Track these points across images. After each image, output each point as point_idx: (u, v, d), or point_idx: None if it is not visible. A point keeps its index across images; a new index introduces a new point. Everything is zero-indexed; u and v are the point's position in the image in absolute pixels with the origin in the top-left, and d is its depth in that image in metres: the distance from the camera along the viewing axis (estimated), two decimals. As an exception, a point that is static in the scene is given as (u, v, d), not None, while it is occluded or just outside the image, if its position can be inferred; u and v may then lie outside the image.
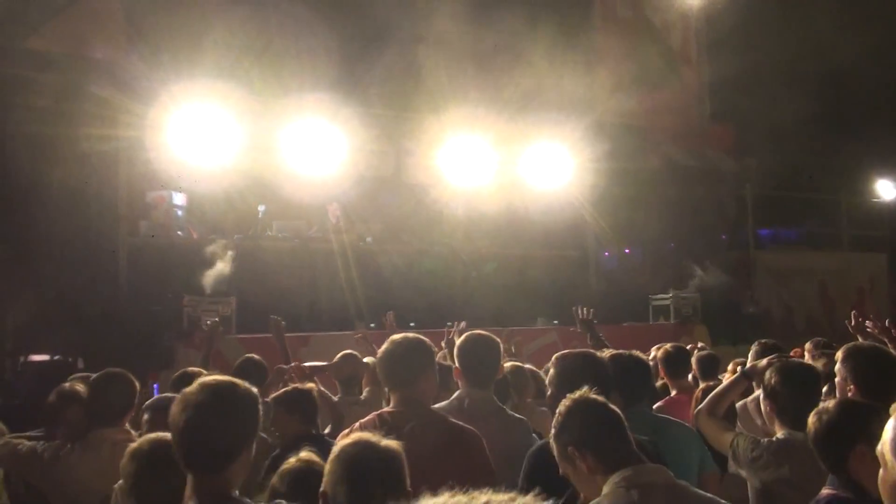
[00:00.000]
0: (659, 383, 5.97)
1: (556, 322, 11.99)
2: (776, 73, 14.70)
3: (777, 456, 3.71)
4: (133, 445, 3.13)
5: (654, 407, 5.20)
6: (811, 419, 3.10)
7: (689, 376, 6.00)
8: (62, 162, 8.89)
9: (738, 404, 4.98)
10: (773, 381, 3.81)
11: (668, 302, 12.24)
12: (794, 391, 3.77)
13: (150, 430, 3.64)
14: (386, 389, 3.92)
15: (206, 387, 2.68)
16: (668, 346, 6.05)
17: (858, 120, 16.87)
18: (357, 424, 3.61)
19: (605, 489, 2.69)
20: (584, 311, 6.27)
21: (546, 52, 11.99)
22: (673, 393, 5.76)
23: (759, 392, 4.14)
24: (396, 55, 11.45)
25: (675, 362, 5.83)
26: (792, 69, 14.59)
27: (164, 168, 9.80)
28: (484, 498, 1.39)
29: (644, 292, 12.89)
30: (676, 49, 15.29)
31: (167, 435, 2.97)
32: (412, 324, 9.08)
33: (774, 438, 3.78)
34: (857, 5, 15.18)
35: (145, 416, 4.20)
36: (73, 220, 9.17)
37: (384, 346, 3.76)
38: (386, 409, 3.70)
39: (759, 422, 4.34)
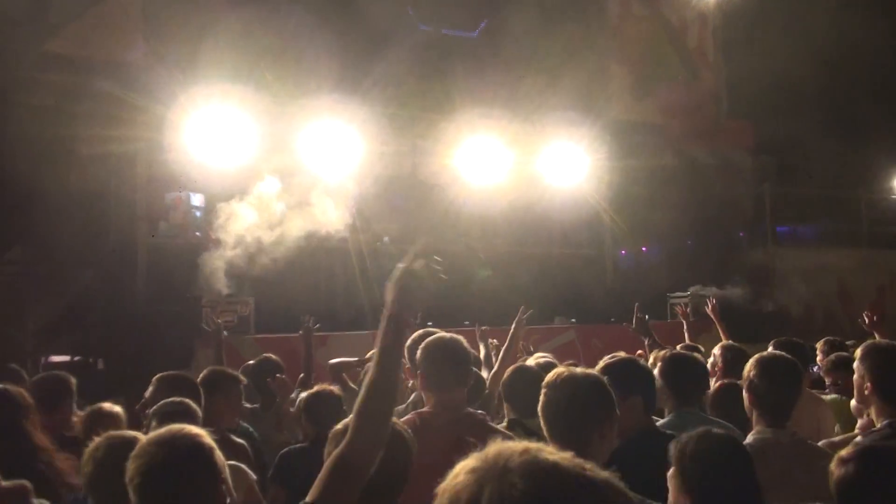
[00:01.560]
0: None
1: (573, 320, 11.97)
2: (794, 70, 14.58)
3: None
4: (90, 446, 3.05)
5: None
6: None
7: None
8: (81, 164, 8.95)
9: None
10: (751, 373, 3.73)
11: (686, 300, 12.17)
12: (773, 385, 3.67)
13: None
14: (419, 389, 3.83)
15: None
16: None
17: (877, 116, 16.72)
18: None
19: None
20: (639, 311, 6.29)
21: (562, 51, 11.96)
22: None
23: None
24: (412, 55, 11.44)
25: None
26: (810, 66, 14.47)
27: (182, 169, 9.84)
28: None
29: (662, 290, 12.82)
30: (693, 47, 15.20)
31: (126, 434, 3.05)
32: (430, 323, 9.07)
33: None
34: (877, 1, 15.05)
35: (153, 424, 4.14)
36: (93, 221, 9.23)
37: (427, 348, 3.68)
38: (426, 409, 3.66)
39: None
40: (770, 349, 5.47)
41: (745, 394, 3.79)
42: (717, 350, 5.56)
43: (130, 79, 9.35)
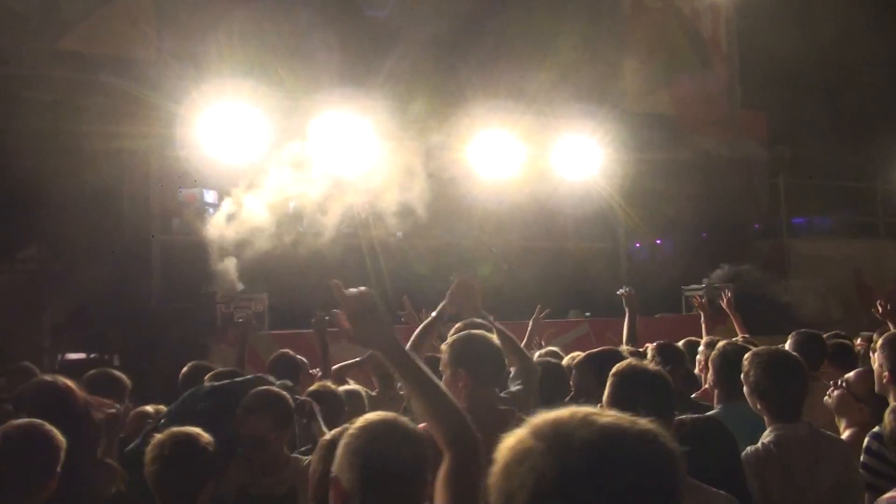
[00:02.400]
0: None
1: (587, 314, 11.94)
2: (808, 60, 14.49)
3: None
4: (154, 441, 3.32)
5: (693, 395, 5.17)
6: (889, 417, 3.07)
7: None
8: (94, 161, 8.98)
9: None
10: (751, 373, 3.67)
11: (701, 292, 12.12)
12: (778, 383, 3.63)
13: None
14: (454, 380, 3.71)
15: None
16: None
17: (894, 105, 16.59)
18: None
19: None
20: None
21: (575, 42, 11.91)
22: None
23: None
24: (424, 48, 11.42)
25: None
26: (825, 55, 14.38)
27: (194, 166, 9.87)
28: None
29: (676, 283, 12.79)
30: (707, 37, 15.11)
31: (187, 429, 3.33)
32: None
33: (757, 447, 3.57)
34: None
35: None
36: (106, 218, 9.27)
37: (468, 344, 3.69)
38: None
39: None
40: (789, 342, 5.46)
41: (746, 391, 3.74)
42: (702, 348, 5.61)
43: (142, 75, 9.37)
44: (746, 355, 3.78)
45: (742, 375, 3.75)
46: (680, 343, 5.82)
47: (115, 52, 9.63)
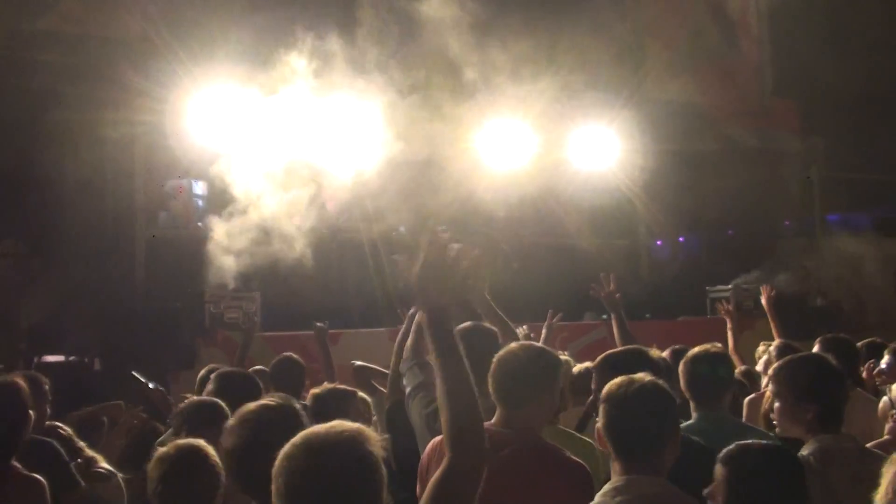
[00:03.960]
0: None
1: (604, 317, 11.91)
2: (845, 43, 14.42)
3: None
4: (161, 450, 3.37)
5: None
6: None
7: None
8: (75, 149, 8.99)
9: (748, 398, 4.94)
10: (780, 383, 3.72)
11: (727, 294, 12.09)
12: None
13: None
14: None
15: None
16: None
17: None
18: (440, 439, 3.52)
19: None
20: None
21: (592, 25, 11.87)
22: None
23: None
24: (429, 31, 11.39)
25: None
26: (863, 38, 14.30)
27: (183, 155, 9.86)
28: None
29: (701, 284, 12.76)
30: (735, 18, 15.06)
31: (195, 441, 3.38)
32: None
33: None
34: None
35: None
36: (88, 211, 9.28)
37: (500, 354, 3.55)
38: (488, 423, 3.42)
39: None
40: (816, 347, 5.45)
41: (774, 403, 3.80)
42: (773, 350, 5.61)
43: (128, 58, 9.37)
44: (775, 366, 3.82)
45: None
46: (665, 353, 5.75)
47: (98, 32, 9.62)
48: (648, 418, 2.92)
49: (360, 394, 5.31)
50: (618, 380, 3.00)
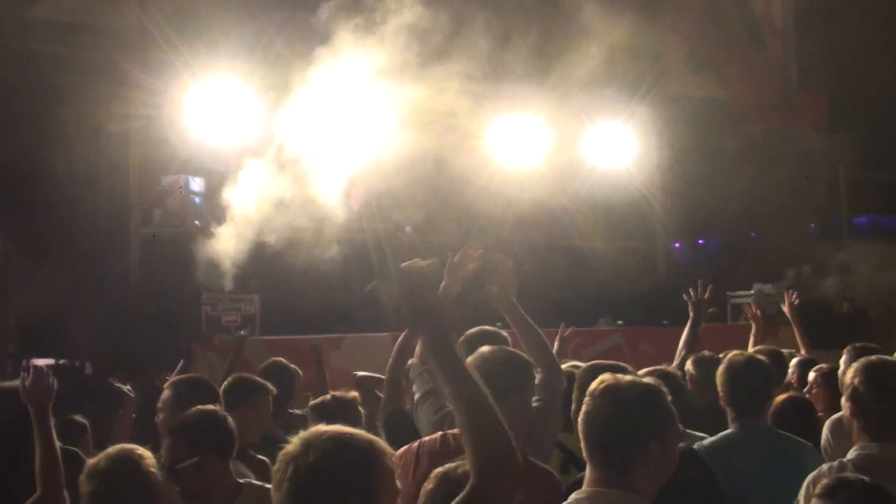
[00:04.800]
0: None
1: (620, 323, 11.89)
2: (874, 36, 14.36)
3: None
4: (90, 462, 3.33)
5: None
6: None
7: None
8: (68, 144, 8.99)
9: (831, 419, 4.87)
10: (855, 381, 3.69)
11: (749, 300, 12.04)
12: (882, 394, 3.63)
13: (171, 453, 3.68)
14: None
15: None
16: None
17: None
18: (417, 444, 3.56)
19: None
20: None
21: (609, 17, 11.83)
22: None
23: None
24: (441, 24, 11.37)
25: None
26: (893, 31, 14.25)
27: (180, 150, 9.86)
28: None
29: (721, 289, 12.70)
30: (759, 11, 15.02)
31: (128, 449, 3.35)
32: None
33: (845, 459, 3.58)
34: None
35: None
36: (80, 208, 9.27)
37: (470, 359, 3.49)
38: (453, 430, 3.46)
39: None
40: (844, 357, 5.41)
41: (845, 403, 3.76)
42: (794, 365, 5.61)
43: (123, 48, 9.37)
44: (855, 365, 3.77)
45: (845, 384, 3.78)
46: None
47: (92, 20, 9.62)
48: (621, 417, 2.73)
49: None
50: (603, 375, 2.91)
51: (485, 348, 3.61)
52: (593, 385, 2.84)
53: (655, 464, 2.72)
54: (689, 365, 5.70)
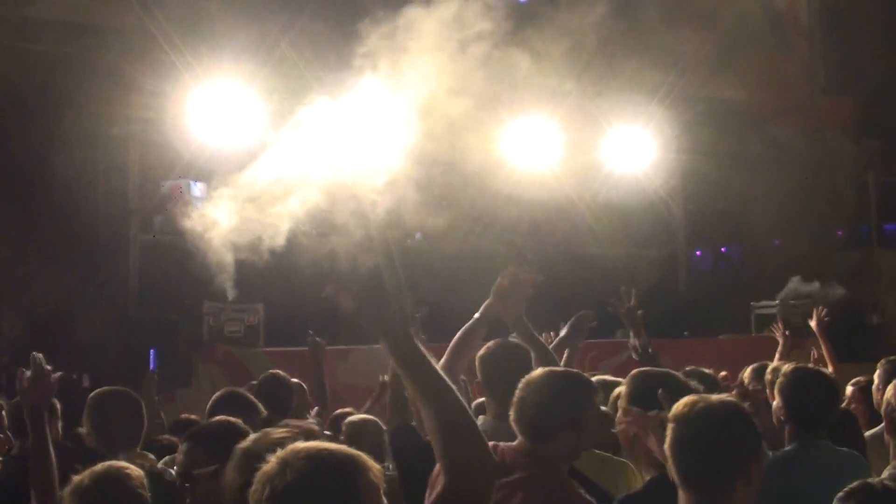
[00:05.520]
0: None
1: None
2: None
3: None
4: (75, 479, 3.24)
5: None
6: None
7: None
8: (65, 147, 9.00)
9: (868, 434, 4.84)
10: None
11: (774, 310, 11.99)
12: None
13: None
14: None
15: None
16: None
17: None
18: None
19: None
20: None
21: (628, 15, 11.81)
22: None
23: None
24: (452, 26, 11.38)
25: None
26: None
27: (181, 154, 9.87)
28: None
29: (745, 299, 12.66)
30: (784, 10, 15.00)
31: (115, 467, 3.31)
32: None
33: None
34: None
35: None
36: (78, 214, 9.29)
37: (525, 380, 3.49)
38: (512, 444, 3.40)
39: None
40: (878, 371, 5.35)
41: (885, 421, 3.80)
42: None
43: (123, 48, 9.39)
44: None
45: (885, 402, 3.81)
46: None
47: (91, 20, 9.65)
48: (713, 443, 2.74)
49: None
50: (687, 398, 2.90)
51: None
52: (680, 409, 2.84)
53: (754, 485, 2.76)
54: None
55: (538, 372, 3.52)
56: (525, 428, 3.37)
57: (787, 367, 4.43)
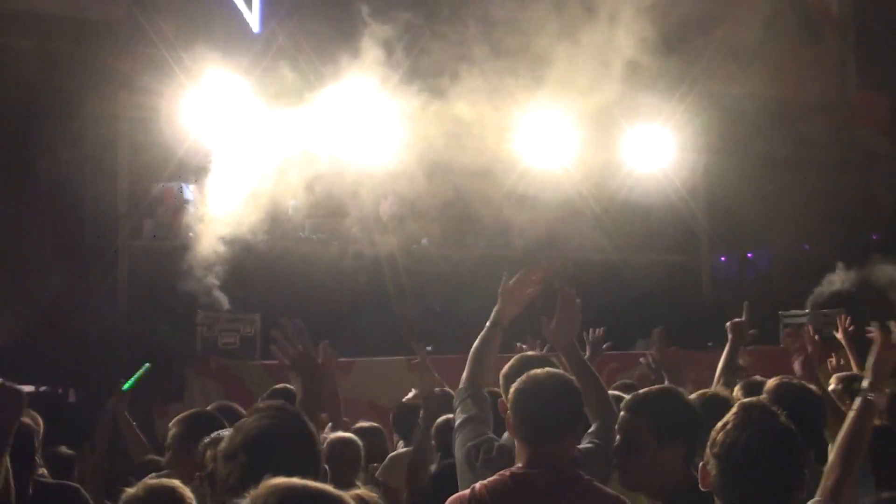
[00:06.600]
0: None
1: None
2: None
3: None
4: (128, 492, 3.36)
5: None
6: None
7: None
8: (51, 148, 9.01)
9: None
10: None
11: (804, 319, 11.95)
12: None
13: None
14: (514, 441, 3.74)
15: None
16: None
17: None
18: (479, 486, 3.55)
19: None
20: None
21: (648, 6, 11.81)
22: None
23: None
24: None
25: None
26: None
27: (173, 155, 9.87)
28: None
29: (773, 307, 12.62)
30: (814, 1, 14.98)
31: (169, 483, 3.39)
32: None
33: None
34: None
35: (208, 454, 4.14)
36: (63, 218, 9.30)
37: (518, 385, 3.64)
38: (519, 467, 3.56)
39: None
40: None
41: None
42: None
43: (111, 43, 9.41)
44: None
45: None
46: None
47: (77, 13, 9.67)
48: (768, 471, 2.75)
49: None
50: (729, 422, 2.87)
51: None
52: (726, 417, 2.88)
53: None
54: (737, 391, 5.60)
55: (537, 373, 3.68)
56: (529, 433, 3.56)
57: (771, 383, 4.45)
